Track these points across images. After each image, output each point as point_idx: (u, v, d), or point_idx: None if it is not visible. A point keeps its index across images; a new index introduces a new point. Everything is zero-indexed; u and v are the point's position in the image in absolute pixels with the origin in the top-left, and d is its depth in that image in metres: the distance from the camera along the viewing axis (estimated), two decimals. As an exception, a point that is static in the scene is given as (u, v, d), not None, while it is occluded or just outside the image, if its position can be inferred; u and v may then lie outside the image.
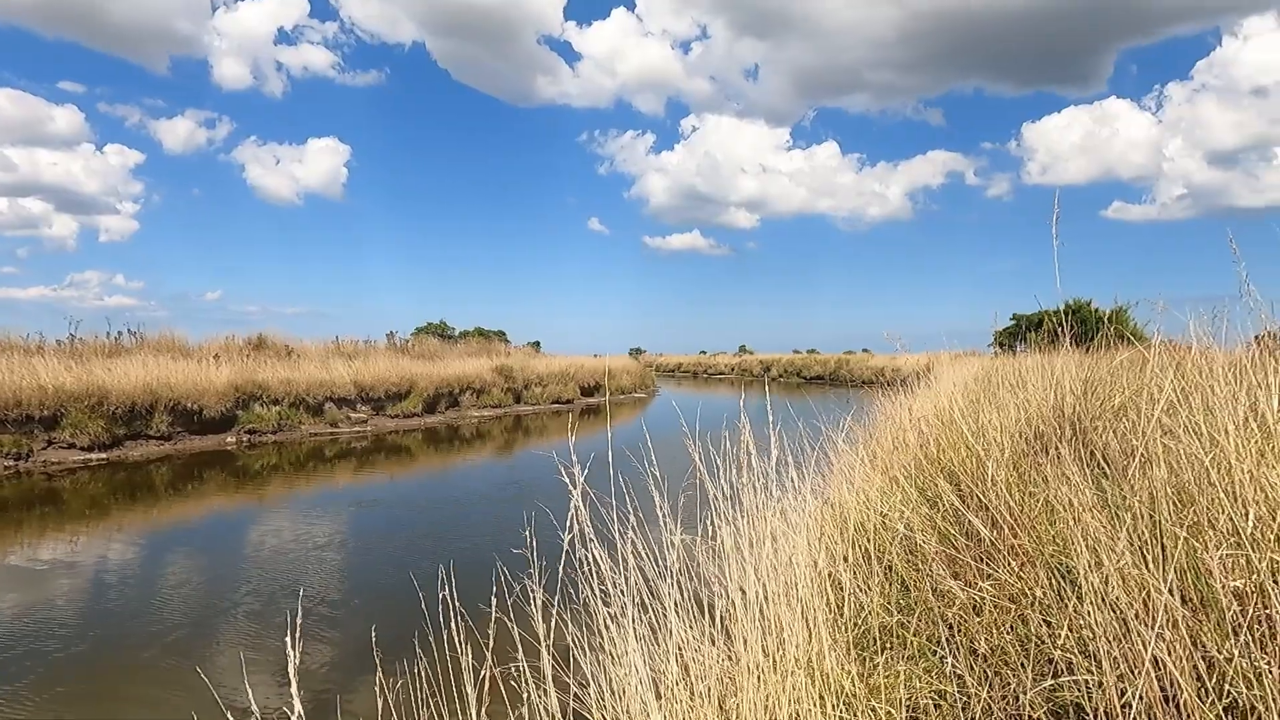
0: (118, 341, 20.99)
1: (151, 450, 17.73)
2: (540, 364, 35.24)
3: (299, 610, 2.08)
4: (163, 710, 5.54)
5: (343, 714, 2.93)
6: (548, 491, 3.04)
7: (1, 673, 6.04)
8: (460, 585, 2.37)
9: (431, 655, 2.67)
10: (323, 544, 10.34)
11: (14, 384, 16.02)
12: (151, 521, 12.06)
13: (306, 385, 22.32)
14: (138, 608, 7.77)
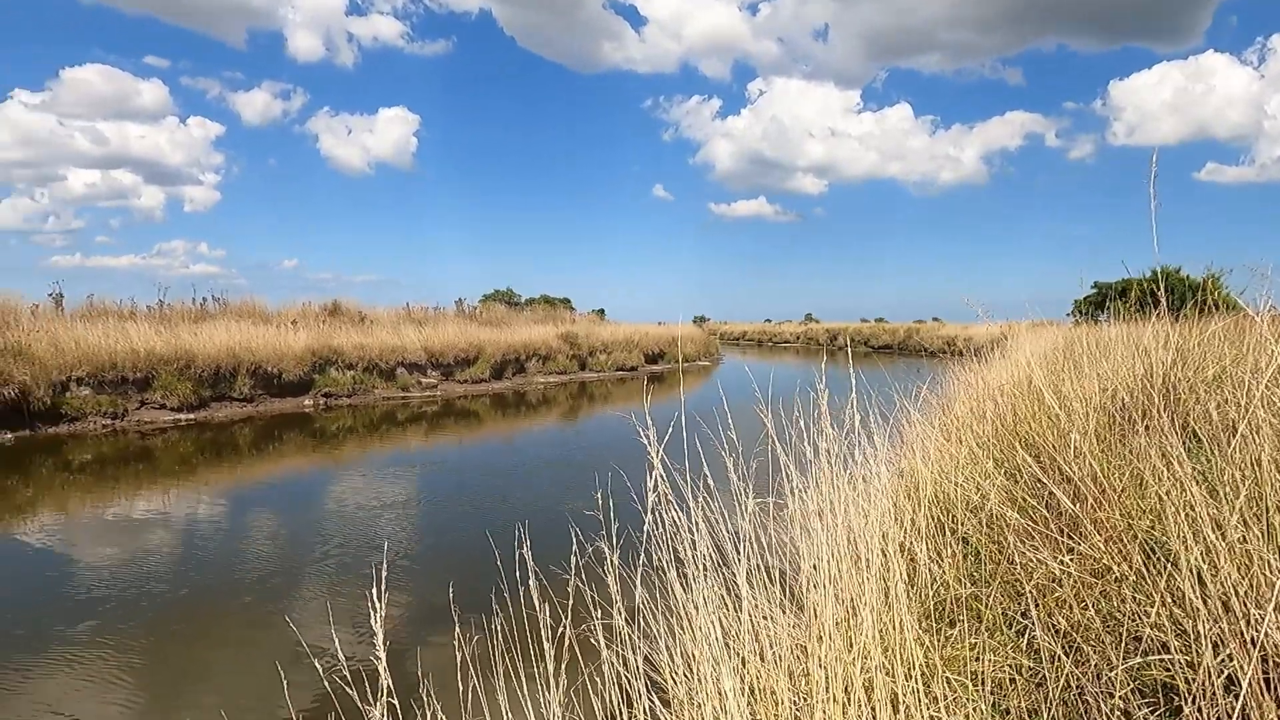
0: (203, 307, 21.91)
1: (235, 411, 18.53)
2: (605, 331, 35.42)
3: (384, 564, 2.15)
4: (253, 651, 5.85)
5: (422, 664, 3.03)
6: (618, 455, 3.06)
7: (113, 615, 6.46)
8: (531, 546, 2.41)
9: (507, 612, 2.74)
10: (397, 503, 10.68)
11: (110, 347, 16.89)
12: (237, 479, 12.64)
13: (379, 351, 22.94)
14: (228, 559, 8.19)
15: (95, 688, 5.26)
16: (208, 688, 5.38)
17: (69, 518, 10.07)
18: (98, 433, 15.63)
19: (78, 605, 6.75)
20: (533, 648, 2.41)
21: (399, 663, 5.28)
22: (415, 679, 4.84)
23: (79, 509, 10.44)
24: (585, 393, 26.66)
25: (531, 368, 28.77)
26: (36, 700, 5.04)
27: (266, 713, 4.89)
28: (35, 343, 15.73)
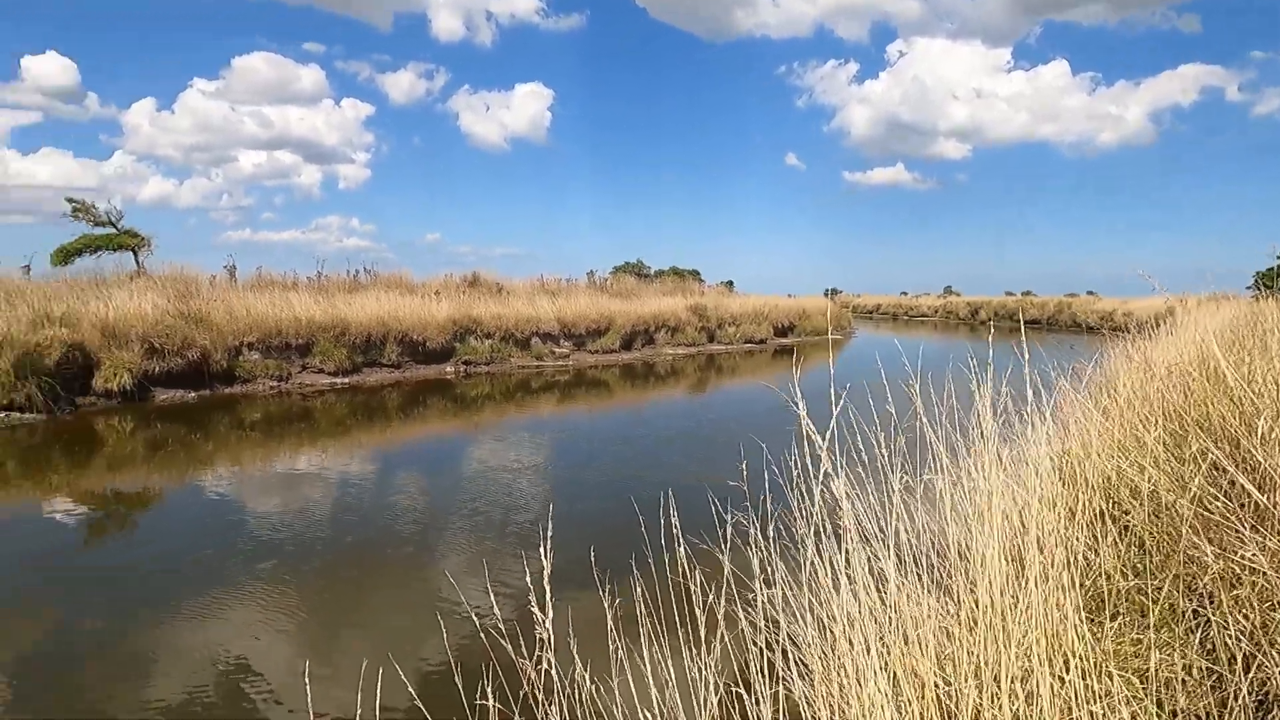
0: (356, 279, 23.34)
1: (384, 377, 19.71)
2: (734, 303, 35.16)
3: (549, 524, 2.24)
4: (407, 598, 6.27)
5: (562, 623, 3.17)
6: (747, 427, 3.05)
7: (285, 559, 7.09)
8: (665, 514, 2.44)
9: (645, 577, 2.80)
10: (531, 468, 11.10)
11: (276, 316, 18.32)
12: (387, 439, 13.49)
13: (515, 321, 23.74)
14: (382, 513, 8.79)
15: (272, 620, 5.80)
16: (368, 628, 5.82)
17: (243, 470, 11.08)
18: (265, 394, 17.05)
19: (254, 549, 7.44)
20: (677, 614, 2.46)
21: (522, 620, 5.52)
22: (557, 636, 5.06)
23: (251, 462, 11.45)
24: (713, 365, 26.63)
25: (660, 339, 29.00)
26: (224, 626, 5.61)
27: (417, 655, 5.24)
28: (213, 311, 17.28)
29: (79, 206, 20.53)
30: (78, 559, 7.56)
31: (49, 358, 13.54)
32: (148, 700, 4.67)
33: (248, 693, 4.79)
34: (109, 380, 14.59)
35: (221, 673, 5.02)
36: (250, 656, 5.25)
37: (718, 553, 2.80)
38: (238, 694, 4.77)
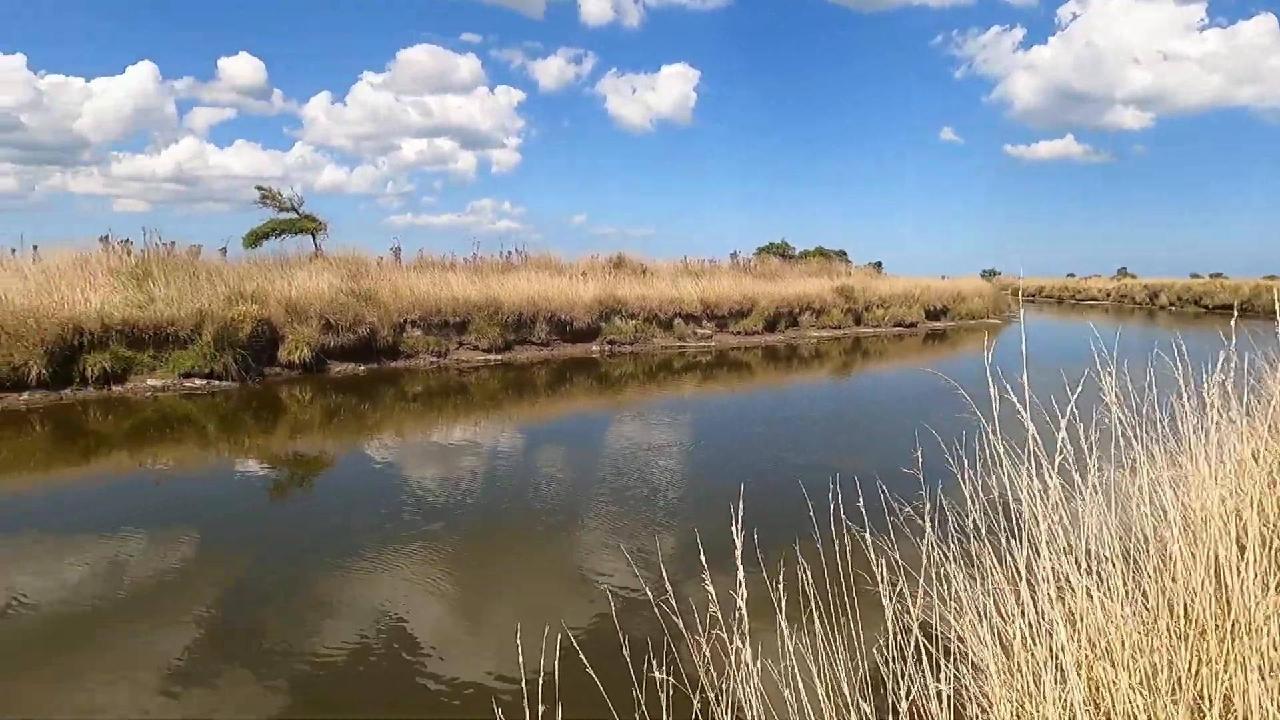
0: (508, 260, 24.27)
1: (533, 354, 20.43)
2: (882, 285, 33.89)
3: (740, 499, 2.23)
4: (549, 565, 6.50)
5: (697, 601, 3.18)
6: (895, 413, 2.91)
7: (440, 523, 7.51)
8: (800, 500, 2.37)
9: (793, 561, 2.74)
10: (672, 446, 11.18)
11: (436, 295, 19.36)
12: (535, 414, 14.00)
13: (658, 302, 23.94)
14: (529, 483, 9.14)
15: (429, 580, 6.17)
16: (513, 591, 6.08)
17: (405, 439, 11.82)
18: (426, 368, 18.09)
19: (413, 513, 7.93)
20: (826, 599, 2.39)
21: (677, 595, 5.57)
22: (691, 613, 5.10)
23: (413, 432, 12.20)
24: (859, 348, 25.83)
25: (804, 321, 28.41)
26: (387, 583, 6.02)
27: (565, 624, 5.41)
28: (381, 290, 18.47)
29: (266, 194, 22.46)
30: (263, 513, 8.32)
31: (242, 331, 14.93)
32: (320, 643, 5.08)
33: (408, 645, 5.11)
34: (291, 353, 15.93)
35: (384, 625, 5.38)
36: (410, 612, 5.60)
37: (867, 537, 2.70)
38: (399, 645, 5.10)
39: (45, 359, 12.84)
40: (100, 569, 6.34)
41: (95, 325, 13.68)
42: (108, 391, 13.47)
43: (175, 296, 15.06)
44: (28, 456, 10.15)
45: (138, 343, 14.32)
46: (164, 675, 4.66)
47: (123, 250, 17.05)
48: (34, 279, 14.41)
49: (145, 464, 10.09)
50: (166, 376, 14.25)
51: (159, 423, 12.08)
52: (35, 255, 16.48)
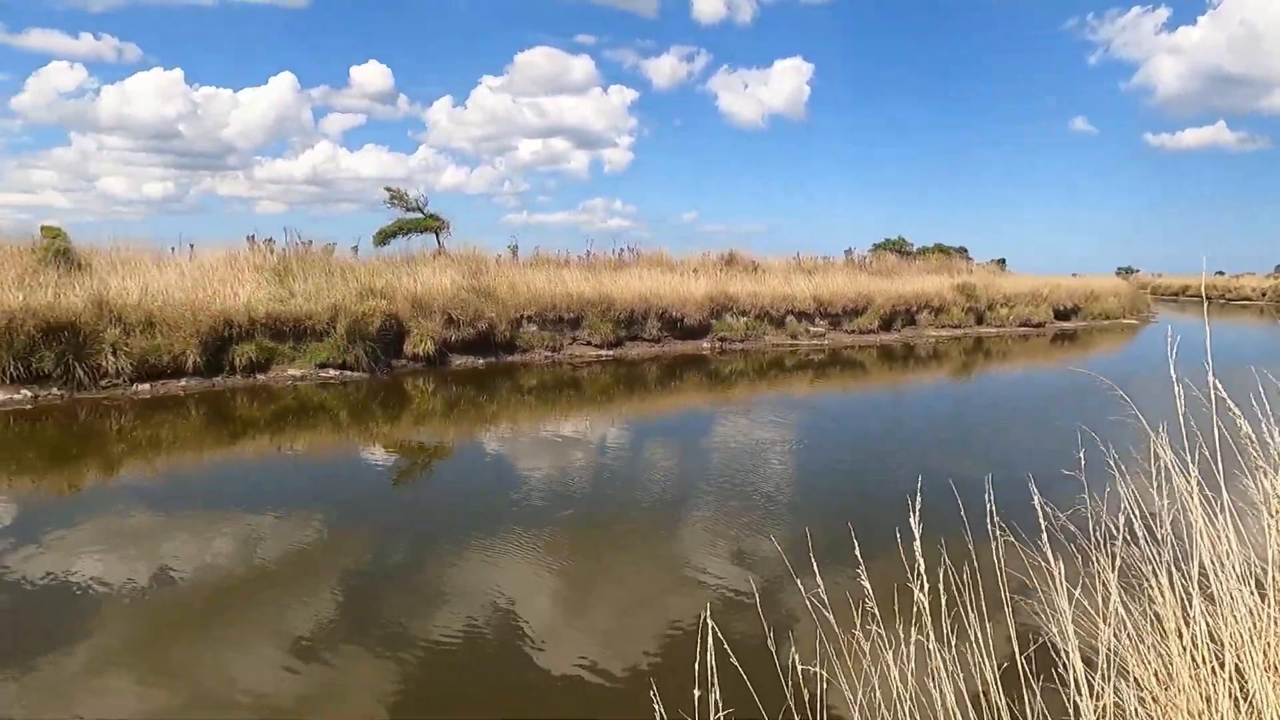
0: (620, 257, 24.63)
1: (644, 350, 20.69)
2: (1006, 283, 32.34)
3: (917, 495, 2.28)
4: (649, 562, 6.63)
5: (796, 604, 3.20)
6: (1027, 417, 2.84)
7: (545, 515, 7.79)
8: (911, 500, 2.35)
9: (901, 564, 2.73)
10: (780, 444, 11.12)
11: (551, 291, 19.91)
12: (644, 410, 14.21)
13: (770, 299, 23.74)
14: (634, 478, 9.32)
15: (538, 568, 6.42)
16: (612, 586, 6.25)
17: (519, 431, 12.26)
18: (541, 363, 18.64)
19: (525, 502, 8.25)
20: (968, 603, 2.38)
21: (772, 597, 5.59)
22: (786, 615, 5.12)
23: (527, 424, 12.63)
24: (980, 348, 24.78)
25: (922, 320, 27.50)
26: (499, 568, 6.30)
27: (657, 618, 5.53)
28: (499, 286, 19.16)
29: (395, 194, 23.65)
30: (387, 498, 8.86)
31: (372, 325, 15.84)
32: (436, 625, 5.38)
33: (517, 631, 5.35)
34: (416, 346, 16.76)
35: (495, 609, 5.65)
36: (521, 599, 5.85)
37: (974, 549, 2.67)
38: (509, 630, 5.34)
39: (200, 349, 14.04)
40: (241, 544, 6.93)
41: (243, 318, 14.83)
42: (253, 380, 14.59)
43: (312, 292, 16.14)
44: (185, 438, 11.16)
45: (279, 335, 15.44)
46: (290, 648, 5.06)
47: (266, 248, 18.37)
48: (190, 275, 15.75)
49: (285, 448, 10.90)
50: (304, 367, 15.30)
51: (297, 410, 13.00)
52: (191, 253, 18.00)
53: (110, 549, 6.71)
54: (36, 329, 12.47)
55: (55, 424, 11.44)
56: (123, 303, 13.92)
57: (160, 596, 5.85)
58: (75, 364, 12.75)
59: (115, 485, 8.95)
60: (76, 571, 6.15)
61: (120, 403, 12.65)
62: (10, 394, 12.27)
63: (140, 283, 14.71)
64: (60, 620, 5.39)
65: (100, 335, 13.20)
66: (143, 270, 15.41)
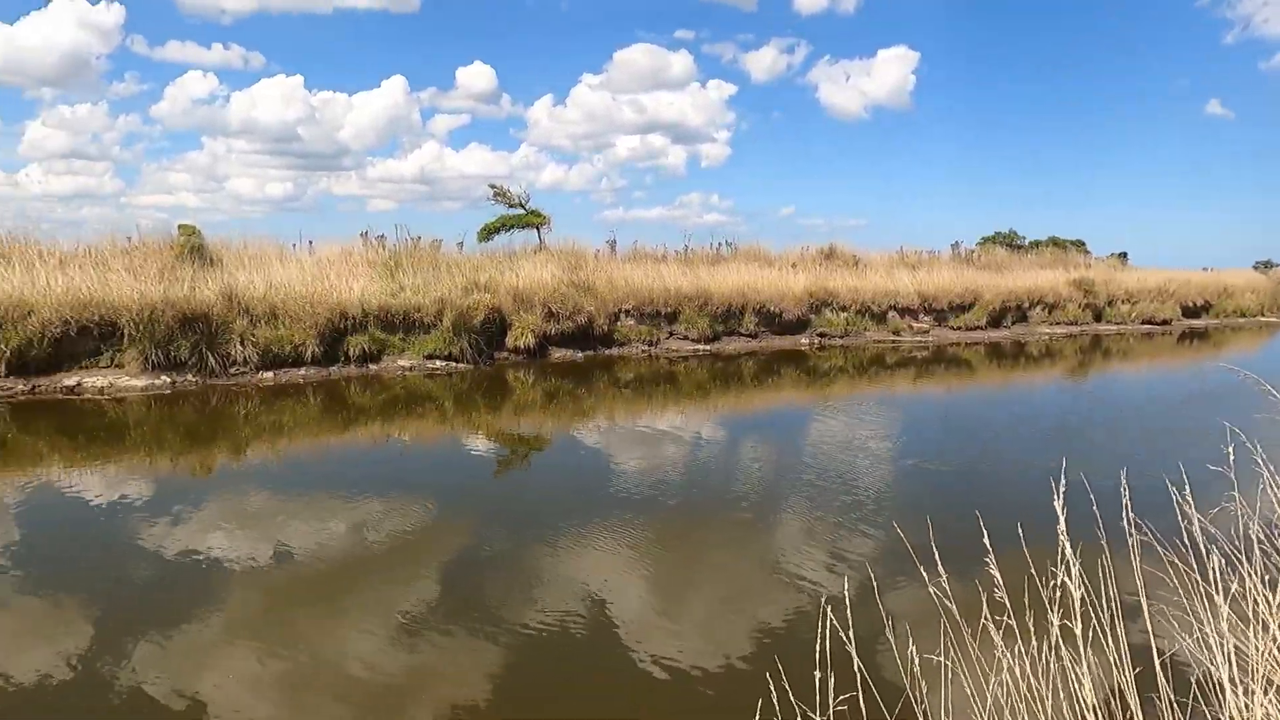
0: (717, 252, 24.54)
1: (740, 345, 20.55)
2: (1128, 278, 30.52)
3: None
4: (741, 559, 6.58)
5: (896, 607, 3.11)
6: (1158, 423, 2.68)
7: (640, 508, 7.86)
8: (1021, 508, 2.25)
9: (1008, 572, 2.62)
10: (878, 444, 10.85)
11: (648, 286, 20.03)
12: (740, 405, 14.12)
13: (872, 294, 23.17)
14: (727, 474, 9.30)
15: (630, 561, 6.48)
16: (715, 576, 6.24)
17: (616, 423, 12.39)
18: (637, 356, 18.78)
19: (618, 494, 8.34)
20: (1042, 614, 2.28)
21: (867, 600, 5.46)
22: (904, 607, 4.98)
23: (623, 417, 12.75)
24: (1099, 347, 23.47)
25: (1034, 316, 26.26)
26: (592, 559, 6.40)
27: (764, 608, 5.49)
28: (597, 281, 19.41)
29: (497, 191, 24.26)
30: (488, 485, 9.13)
31: (476, 318, 16.34)
32: (534, 610, 5.51)
33: (609, 619, 5.42)
34: (518, 339, 17.19)
35: (594, 597, 5.74)
36: (611, 590, 5.93)
37: (1106, 552, 2.54)
38: (602, 622, 5.42)
39: (318, 339, 14.81)
40: (354, 526, 7.28)
41: (356, 311, 15.55)
42: (365, 370, 15.29)
43: (420, 286, 16.76)
44: (304, 424, 11.80)
45: (390, 327, 16.11)
46: (396, 625, 5.28)
47: (378, 244, 19.19)
48: (309, 270, 16.62)
49: (394, 435, 11.38)
50: (413, 358, 15.91)
51: (407, 398, 13.54)
52: (310, 249, 18.99)
53: (237, 526, 7.17)
54: (174, 319, 13.43)
55: (190, 408, 12.30)
56: (250, 295, 14.82)
57: (281, 572, 6.22)
58: (208, 352, 13.67)
59: (242, 466, 9.56)
60: (207, 546, 6.60)
61: (247, 389, 13.49)
62: (152, 379, 13.26)
63: (265, 277, 15.64)
64: (193, 591, 5.80)
65: (230, 326, 14.10)
66: (267, 265, 16.36)
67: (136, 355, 13.33)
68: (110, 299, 13.47)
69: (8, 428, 10.94)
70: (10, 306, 12.82)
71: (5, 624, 5.30)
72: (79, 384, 12.97)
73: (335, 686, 4.60)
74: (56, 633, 5.14)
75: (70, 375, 13.12)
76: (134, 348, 13.34)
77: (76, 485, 8.49)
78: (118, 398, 12.67)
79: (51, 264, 14.26)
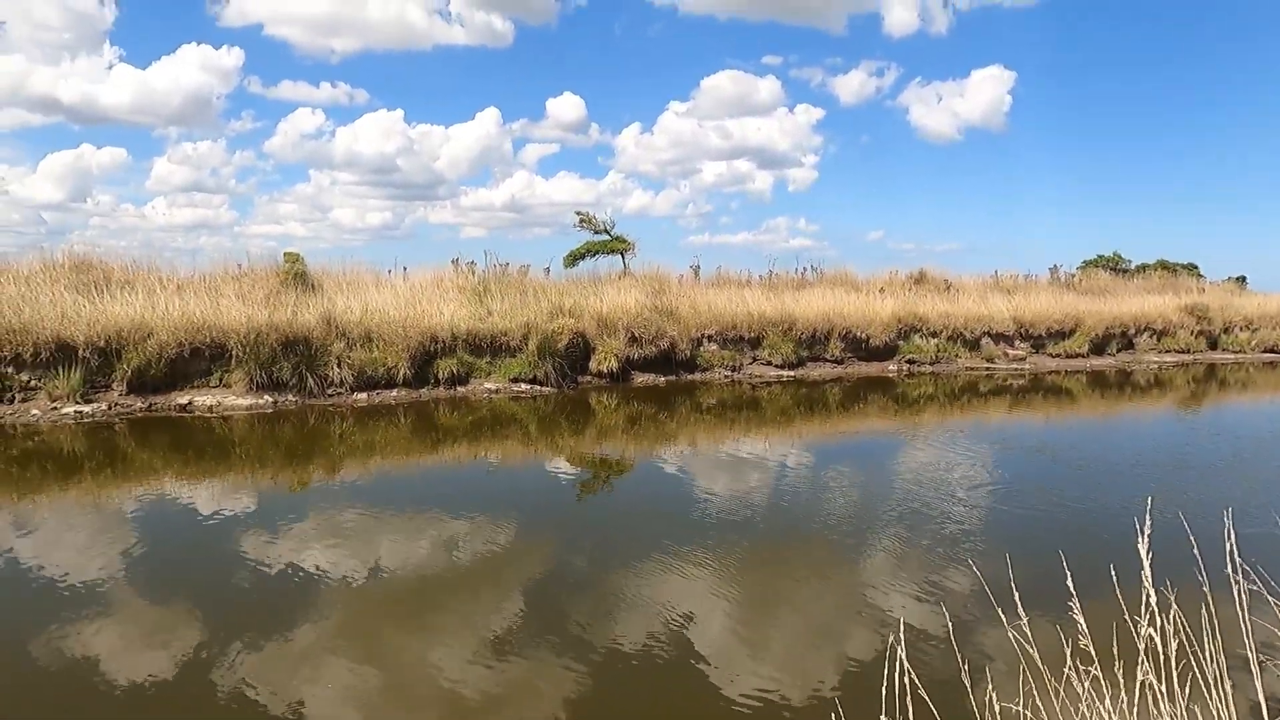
0: (802, 277, 24.25)
1: (826, 371, 20.20)
2: (1247, 303, 28.59)
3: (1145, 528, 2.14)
4: (822, 593, 6.42)
5: (988, 650, 2.94)
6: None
7: (720, 536, 7.78)
8: (1154, 542, 2.12)
9: (1104, 614, 2.48)
10: (971, 477, 10.43)
11: (732, 311, 19.96)
12: (824, 433, 13.85)
13: (964, 319, 22.43)
14: (812, 505, 9.11)
15: (711, 588, 6.41)
16: (790, 609, 6.11)
17: (698, 449, 12.34)
18: (720, 381, 18.68)
19: (700, 521, 8.27)
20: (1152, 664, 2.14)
21: (967, 629, 5.23)
22: (982, 650, 4.76)
23: (705, 442, 12.69)
24: (1213, 376, 22.03)
25: (1141, 344, 24.89)
26: (673, 585, 6.36)
27: (837, 645, 5.33)
28: (680, 306, 19.47)
29: (584, 218, 24.71)
30: (571, 508, 9.23)
31: (560, 342, 16.61)
32: (616, 635, 5.51)
33: (691, 648, 5.37)
34: (601, 363, 17.37)
35: (672, 625, 5.70)
36: (693, 616, 5.87)
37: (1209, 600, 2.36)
38: (683, 648, 5.37)
39: (409, 362, 15.33)
40: (441, 545, 7.47)
41: (446, 334, 16.05)
42: (453, 392, 15.71)
43: (508, 310, 17.18)
44: (396, 444, 12.20)
45: (477, 350, 16.54)
46: (482, 643, 5.38)
47: (468, 270, 19.78)
48: (402, 295, 17.26)
49: (481, 457, 11.64)
50: (499, 381, 16.28)
51: (492, 421, 13.85)
52: (405, 275, 19.73)
53: (331, 542, 7.46)
54: (277, 342, 14.16)
55: (291, 427, 12.90)
56: (347, 319, 15.50)
57: (372, 588, 6.43)
58: (307, 373, 14.34)
59: (336, 484, 9.94)
60: (303, 560, 6.89)
61: (342, 409, 14.06)
62: (255, 399, 13.99)
63: (361, 302, 16.33)
64: (289, 603, 6.05)
65: (328, 348, 14.77)
66: (363, 290, 17.09)
67: (242, 376, 14.08)
68: (220, 322, 14.31)
69: (126, 443, 11.71)
70: (132, 329, 13.77)
71: (116, 629, 5.65)
72: (190, 402, 13.79)
73: (421, 701, 4.71)
74: (163, 638, 5.44)
75: (183, 394, 13.96)
76: (240, 369, 14.10)
77: (186, 498, 9.01)
78: (225, 416, 13.40)
79: (170, 290, 15.26)
